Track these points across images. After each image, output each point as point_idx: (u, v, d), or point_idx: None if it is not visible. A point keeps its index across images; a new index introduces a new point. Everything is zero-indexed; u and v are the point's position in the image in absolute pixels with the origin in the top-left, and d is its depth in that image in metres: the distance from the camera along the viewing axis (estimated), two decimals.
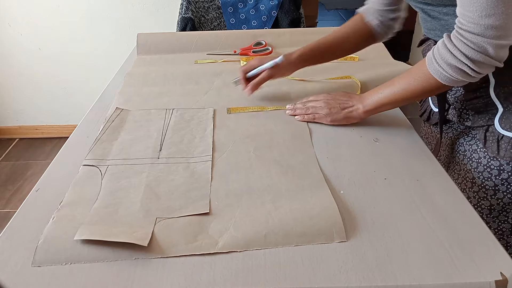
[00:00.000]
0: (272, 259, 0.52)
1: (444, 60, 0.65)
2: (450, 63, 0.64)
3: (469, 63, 0.62)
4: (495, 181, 0.73)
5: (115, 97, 0.96)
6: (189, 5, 1.68)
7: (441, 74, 0.66)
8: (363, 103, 0.79)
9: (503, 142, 0.70)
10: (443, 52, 0.65)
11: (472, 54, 0.62)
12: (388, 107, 0.78)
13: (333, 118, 0.81)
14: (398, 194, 0.64)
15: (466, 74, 0.64)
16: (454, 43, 0.63)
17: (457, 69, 0.64)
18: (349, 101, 0.81)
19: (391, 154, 0.74)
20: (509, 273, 0.49)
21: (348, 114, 0.80)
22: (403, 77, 0.74)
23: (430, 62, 0.68)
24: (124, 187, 0.65)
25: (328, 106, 0.82)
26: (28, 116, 2.46)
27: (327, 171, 0.69)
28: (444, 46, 0.65)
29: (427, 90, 0.71)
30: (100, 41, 2.25)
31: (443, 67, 0.65)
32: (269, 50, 1.23)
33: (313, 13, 2.22)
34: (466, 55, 0.62)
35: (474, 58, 0.62)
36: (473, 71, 0.63)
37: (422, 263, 0.51)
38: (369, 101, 0.78)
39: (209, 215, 0.59)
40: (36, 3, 2.13)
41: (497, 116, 0.71)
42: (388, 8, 0.87)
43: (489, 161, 0.73)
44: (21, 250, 0.54)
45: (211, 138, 0.78)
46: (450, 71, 0.65)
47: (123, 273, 0.51)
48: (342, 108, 0.81)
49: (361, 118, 0.81)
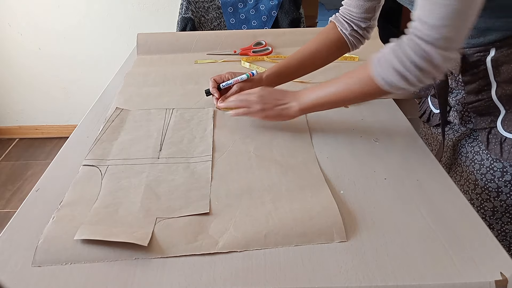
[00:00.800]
0: (272, 259, 0.52)
1: (390, 64, 0.63)
2: (395, 68, 0.63)
3: (414, 70, 0.61)
4: (498, 183, 0.72)
5: (115, 97, 0.96)
6: (189, 5, 1.68)
7: (384, 79, 0.65)
8: (299, 101, 0.77)
9: (506, 144, 0.70)
10: (390, 57, 0.64)
11: (420, 62, 0.61)
12: (325, 107, 0.76)
13: (267, 114, 0.78)
14: (398, 194, 0.64)
15: (408, 82, 0.63)
16: (404, 49, 0.62)
17: (400, 75, 0.63)
18: (284, 98, 0.78)
19: (391, 154, 0.74)
20: (509, 273, 0.49)
21: (282, 111, 0.78)
22: (344, 77, 0.72)
23: (374, 66, 0.66)
24: (124, 187, 0.65)
25: (262, 101, 0.78)
26: (28, 116, 2.46)
27: (327, 171, 0.69)
28: (391, 51, 0.64)
29: (366, 94, 0.70)
30: (100, 41, 2.25)
31: (388, 72, 0.64)
32: (269, 50, 1.23)
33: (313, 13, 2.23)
34: (413, 62, 0.61)
35: (421, 66, 0.61)
36: (417, 79, 0.62)
37: (422, 263, 0.51)
38: (305, 99, 0.76)
39: (209, 215, 0.59)
40: (36, 3, 2.13)
41: (500, 118, 0.71)
42: (364, 16, 0.85)
43: (492, 163, 0.73)
44: (21, 250, 0.54)
45: (211, 138, 0.78)
46: (394, 76, 0.63)
47: (123, 273, 0.51)
48: (276, 105, 0.78)
49: (295, 116, 0.78)
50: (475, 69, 0.71)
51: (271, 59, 1.18)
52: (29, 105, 2.42)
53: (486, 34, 0.67)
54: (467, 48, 0.70)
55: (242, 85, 0.88)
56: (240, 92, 0.86)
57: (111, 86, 1.05)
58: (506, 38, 0.66)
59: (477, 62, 0.70)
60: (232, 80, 0.88)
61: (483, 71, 0.70)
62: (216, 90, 0.89)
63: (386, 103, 0.93)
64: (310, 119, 0.85)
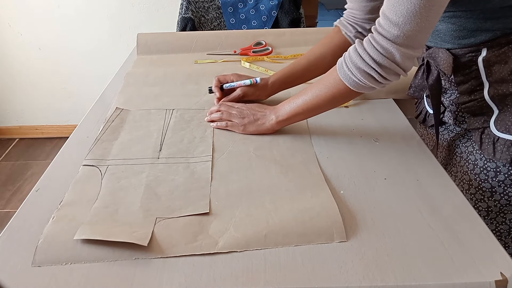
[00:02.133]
0: (272, 259, 0.52)
1: (354, 63, 0.65)
2: (359, 67, 0.64)
3: (377, 67, 0.63)
4: (492, 183, 0.73)
5: (115, 97, 0.96)
6: (189, 5, 1.68)
7: (350, 78, 0.66)
8: (276, 113, 0.78)
9: (499, 144, 0.70)
10: (353, 56, 0.65)
11: (380, 58, 0.62)
12: (301, 117, 0.77)
13: (246, 128, 0.80)
14: (398, 194, 0.64)
15: (374, 79, 0.64)
16: (364, 46, 0.64)
17: (365, 73, 0.64)
18: (264, 112, 0.80)
19: (391, 154, 0.74)
20: (509, 273, 0.49)
21: (260, 126, 0.79)
22: (315, 84, 0.73)
23: (340, 66, 0.68)
24: (124, 187, 0.65)
25: (242, 115, 0.81)
26: (28, 116, 2.46)
27: (327, 171, 0.69)
28: (354, 50, 0.65)
29: (336, 97, 0.71)
30: (100, 41, 2.25)
31: (352, 70, 0.65)
32: (269, 50, 1.23)
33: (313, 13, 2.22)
34: (374, 59, 0.63)
35: (381, 63, 0.62)
36: (380, 76, 0.63)
37: (422, 263, 0.51)
38: (282, 111, 0.77)
39: (209, 215, 0.59)
40: (36, 3, 2.13)
41: (493, 118, 0.71)
42: (367, 17, 0.85)
43: (486, 163, 0.73)
44: (21, 250, 0.54)
45: (211, 139, 0.78)
46: (359, 75, 0.65)
47: (123, 273, 0.51)
48: (256, 119, 0.80)
49: (274, 129, 0.79)
50: (467, 69, 0.71)
51: (271, 59, 1.18)
52: (29, 105, 2.42)
53: (476, 34, 0.67)
54: (459, 48, 0.70)
55: (246, 89, 0.89)
56: (243, 96, 0.88)
57: (111, 86, 1.05)
58: (496, 38, 0.67)
59: (469, 62, 0.70)
60: (235, 83, 0.89)
61: (475, 71, 0.70)
62: (218, 89, 0.90)
63: (386, 103, 0.93)
64: (310, 119, 0.85)
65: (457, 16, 0.67)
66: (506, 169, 0.70)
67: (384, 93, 0.95)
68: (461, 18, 0.67)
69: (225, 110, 0.83)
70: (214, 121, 0.83)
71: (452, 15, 0.67)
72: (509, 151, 0.68)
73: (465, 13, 0.66)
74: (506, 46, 0.66)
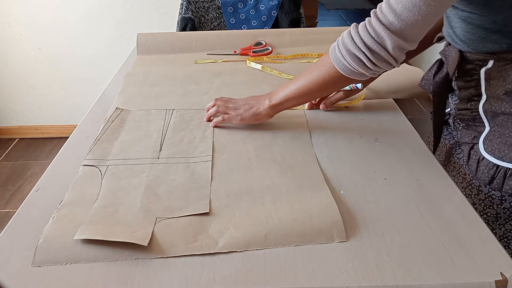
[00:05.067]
0: (272, 259, 0.52)
1: (345, 46, 0.64)
2: (349, 50, 0.64)
3: (367, 52, 0.62)
4: (474, 200, 0.72)
5: (115, 97, 0.96)
6: (189, 5, 1.68)
7: (340, 62, 0.65)
8: (270, 98, 0.78)
9: (482, 164, 0.69)
10: (345, 39, 0.64)
11: (371, 43, 0.61)
12: (294, 101, 0.76)
13: (242, 117, 0.80)
14: (398, 194, 0.64)
15: (363, 64, 0.63)
16: (357, 29, 0.63)
17: (355, 57, 0.63)
18: (258, 99, 0.80)
19: (391, 154, 0.74)
20: (509, 273, 0.49)
21: (256, 111, 0.79)
22: (308, 69, 0.73)
23: (332, 50, 0.67)
24: (124, 187, 0.65)
25: (237, 106, 0.81)
26: (28, 116, 2.46)
27: (327, 171, 0.69)
28: (348, 32, 0.65)
29: (328, 82, 0.70)
30: (100, 41, 2.25)
31: (343, 53, 0.65)
32: (269, 50, 1.23)
33: (313, 13, 2.23)
34: (364, 43, 0.62)
35: (371, 48, 0.61)
36: (369, 61, 0.63)
37: (422, 263, 0.51)
38: (276, 96, 0.77)
39: (209, 215, 0.59)
40: (36, 3, 2.13)
41: (483, 136, 0.70)
42: None
43: (471, 179, 0.73)
44: (21, 250, 0.54)
45: (211, 139, 0.78)
46: (349, 58, 0.64)
47: (123, 273, 0.51)
48: (251, 107, 0.80)
49: (269, 114, 0.79)
50: (469, 76, 0.71)
51: (271, 59, 1.18)
52: (29, 105, 2.42)
53: (485, 42, 0.67)
54: (469, 52, 0.70)
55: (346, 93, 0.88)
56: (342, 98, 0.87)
57: (111, 86, 1.05)
58: (503, 52, 0.66)
59: (473, 70, 0.70)
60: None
61: (475, 81, 0.70)
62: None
63: (386, 103, 0.93)
64: (310, 119, 0.85)
65: (471, 18, 0.66)
66: (486, 190, 0.70)
67: (384, 93, 0.95)
68: (475, 21, 0.66)
69: (221, 103, 0.83)
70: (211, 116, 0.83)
71: (467, 16, 0.66)
72: (489, 172, 0.68)
73: (478, 17, 0.65)
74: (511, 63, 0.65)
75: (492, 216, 0.71)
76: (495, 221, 0.71)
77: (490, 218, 0.72)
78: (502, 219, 0.70)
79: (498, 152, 0.67)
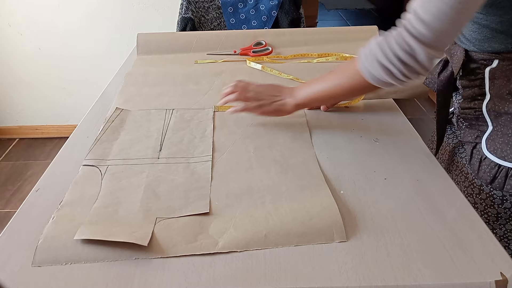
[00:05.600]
0: (272, 259, 0.52)
1: (375, 57, 0.62)
2: (380, 61, 0.62)
3: (398, 64, 0.60)
4: (475, 199, 0.72)
5: (115, 97, 0.96)
6: (189, 5, 1.68)
7: (369, 72, 0.64)
8: (294, 96, 0.77)
9: (484, 163, 0.70)
10: (374, 49, 0.62)
11: (402, 55, 0.59)
12: (319, 102, 0.76)
13: (264, 110, 0.79)
14: (398, 194, 0.64)
15: (393, 76, 0.62)
16: (387, 40, 0.61)
17: (384, 68, 0.61)
18: (281, 94, 0.78)
19: (391, 154, 0.74)
20: (509, 273, 0.49)
21: (279, 107, 0.78)
22: (335, 72, 0.72)
23: (361, 58, 0.65)
24: (124, 187, 0.65)
25: (259, 97, 0.79)
26: (28, 116, 2.46)
27: (327, 171, 0.69)
28: (377, 44, 0.63)
29: (355, 88, 0.69)
30: (100, 41, 2.25)
31: (372, 64, 0.63)
32: (269, 50, 1.23)
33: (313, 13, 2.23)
34: (396, 55, 0.60)
35: (403, 60, 0.59)
36: (400, 73, 0.61)
37: (422, 263, 0.51)
38: (300, 95, 0.76)
39: (209, 215, 0.59)
40: (36, 3, 2.13)
41: (486, 135, 0.70)
42: None
43: (473, 178, 0.73)
44: (21, 250, 0.54)
45: (211, 138, 0.78)
46: (378, 69, 0.62)
47: (123, 273, 0.51)
48: (273, 101, 0.78)
49: (291, 111, 0.79)
50: (473, 75, 0.71)
51: (271, 59, 1.18)
52: (29, 105, 2.42)
53: (491, 41, 0.67)
54: (474, 52, 0.70)
55: None
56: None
57: (111, 86, 1.05)
58: (508, 52, 0.66)
59: (478, 69, 0.70)
60: None
61: (480, 80, 0.70)
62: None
63: (386, 103, 0.93)
64: (310, 119, 0.85)
65: (478, 17, 0.66)
66: (487, 189, 0.70)
67: (384, 93, 0.95)
68: (481, 20, 0.66)
69: (241, 90, 0.79)
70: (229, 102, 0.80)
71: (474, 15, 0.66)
72: (491, 172, 0.68)
73: (485, 17, 0.65)
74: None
75: (493, 215, 0.71)
76: (495, 221, 0.71)
77: (491, 217, 0.72)
78: (502, 219, 0.70)
79: (500, 151, 0.67)
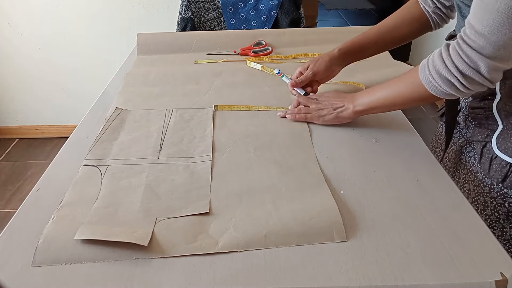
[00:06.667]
0: (272, 259, 0.52)
1: (436, 69, 0.63)
2: (441, 74, 0.63)
3: (460, 76, 0.61)
4: (486, 198, 0.72)
5: (115, 97, 0.96)
6: (189, 5, 1.68)
7: (431, 83, 0.65)
8: (354, 103, 0.78)
9: (495, 162, 0.70)
10: (436, 61, 0.63)
11: (464, 68, 0.60)
12: (379, 110, 0.77)
13: (325, 119, 0.81)
14: (398, 194, 0.64)
15: (455, 88, 0.62)
16: (449, 53, 0.62)
17: (447, 80, 0.62)
18: (342, 102, 0.80)
19: (391, 154, 0.74)
20: (509, 273, 0.49)
21: (339, 114, 0.80)
22: (396, 81, 0.73)
23: (422, 69, 0.66)
24: (124, 187, 0.65)
25: (321, 106, 0.82)
26: (28, 116, 2.46)
27: (327, 171, 0.69)
28: (439, 55, 0.63)
29: (416, 99, 0.70)
30: (100, 41, 2.25)
31: (434, 76, 0.64)
32: (269, 50, 1.23)
33: (313, 13, 2.23)
34: (458, 68, 0.60)
35: (465, 73, 0.60)
36: (463, 85, 0.61)
37: (422, 263, 0.51)
38: (360, 102, 0.78)
39: (209, 215, 0.59)
40: (36, 3, 2.13)
41: (496, 134, 0.70)
42: None
43: (484, 177, 0.73)
44: (21, 250, 0.54)
45: (211, 138, 0.78)
46: (440, 81, 0.63)
47: (123, 273, 0.51)
48: (334, 109, 0.80)
49: (351, 118, 0.80)
50: None
51: (271, 59, 1.18)
52: (29, 105, 2.42)
53: None
54: None
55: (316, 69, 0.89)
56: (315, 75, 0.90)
57: (111, 86, 1.05)
58: None
59: None
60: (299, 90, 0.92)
61: None
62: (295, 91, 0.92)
63: None
64: None
65: None
66: (498, 188, 0.70)
67: None
68: None
69: (304, 103, 0.85)
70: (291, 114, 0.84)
71: None
72: (502, 171, 0.68)
73: None
74: None
75: (504, 214, 0.71)
76: (506, 219, 0.71)
77: (502, 216, 0.72)
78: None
79: (511, 150, 0.67)
